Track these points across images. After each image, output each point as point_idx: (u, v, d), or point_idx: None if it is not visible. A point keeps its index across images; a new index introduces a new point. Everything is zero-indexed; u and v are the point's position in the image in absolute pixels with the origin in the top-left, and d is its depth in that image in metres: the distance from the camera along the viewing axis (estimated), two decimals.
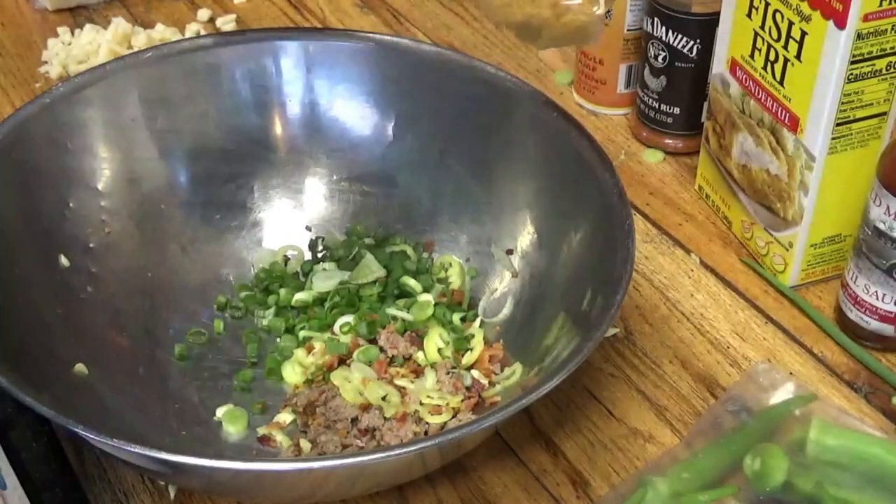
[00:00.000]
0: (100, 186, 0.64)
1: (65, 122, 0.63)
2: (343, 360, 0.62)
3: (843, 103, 0.60)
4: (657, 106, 0.78)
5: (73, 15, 0.96)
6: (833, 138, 0.62)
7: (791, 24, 0.61)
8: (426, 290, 0.66)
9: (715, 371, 0.63)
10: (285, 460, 0.55)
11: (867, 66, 0.59)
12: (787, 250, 0.67)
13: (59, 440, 0.56)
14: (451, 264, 0.67)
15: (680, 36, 0.74)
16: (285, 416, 0.60)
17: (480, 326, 0.64)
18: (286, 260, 0.69)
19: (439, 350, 0.62)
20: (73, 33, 0.91)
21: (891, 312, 0.62)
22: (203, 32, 0.93)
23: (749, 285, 0.70)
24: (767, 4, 0.62)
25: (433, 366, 0.61)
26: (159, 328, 0.63)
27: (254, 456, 0.58)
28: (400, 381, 0.60)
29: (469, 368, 0.62)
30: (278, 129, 0.69)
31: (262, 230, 0.69)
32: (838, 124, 0.61)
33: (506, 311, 0.65)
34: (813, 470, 0.55)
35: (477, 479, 0.57)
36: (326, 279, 0.66)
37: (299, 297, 0.65)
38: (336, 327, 0.64)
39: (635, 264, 0.57)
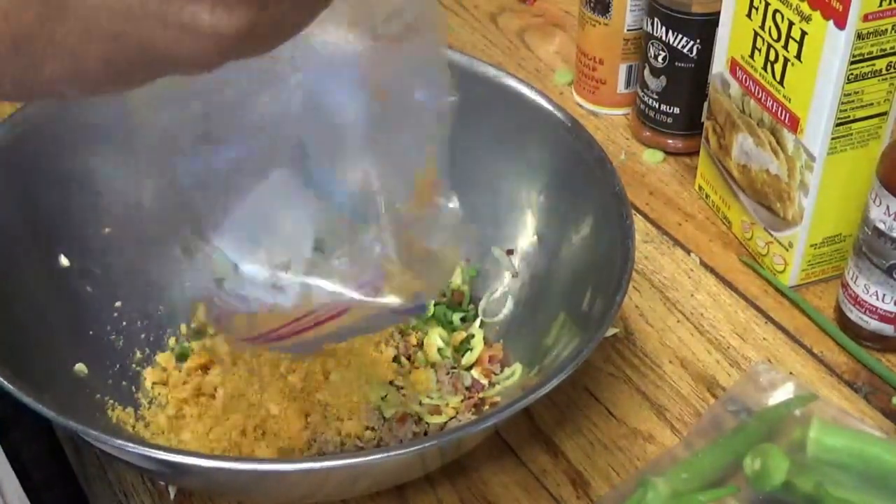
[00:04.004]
0: (100, 187, 0.64)
1: (65, 122, 0.62)
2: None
3: (843, 103, 0.60)
4: (657, 106, 0.78)
5: None
6: (833, 138, 0.62)
7: (791, 24, 0.61)
8: None
9: (715, 371, 0.63)
10: (286, 461, 0.55)
11: (867, 66, 0.59)
12: (787, 250, 0.67)
13: (59, 440, 0.56)
14: None
15: (680, 36, 0.74)
16: None
17: (480, 326, 0.64)
18: None
19: (439, 350, 0.62)
20: None
21: (891, 312, 0.62)
22: None
23: (749, 285, 0.69)
24: (767, 4, 0.62)
25: (433, 366, 0.61)
26: (159, 328, 0.63)
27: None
28: (400, 381, 0.60)
29: (469, 368, 0.62)
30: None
31: None
32: (838, 124, 0.61)
33: (506, 311, 0.65)
34: (813, 470, 0.55)
35: (477, 479, 0.57)
36: None
37: None
38: None
39: (635, 264, 0.57)
